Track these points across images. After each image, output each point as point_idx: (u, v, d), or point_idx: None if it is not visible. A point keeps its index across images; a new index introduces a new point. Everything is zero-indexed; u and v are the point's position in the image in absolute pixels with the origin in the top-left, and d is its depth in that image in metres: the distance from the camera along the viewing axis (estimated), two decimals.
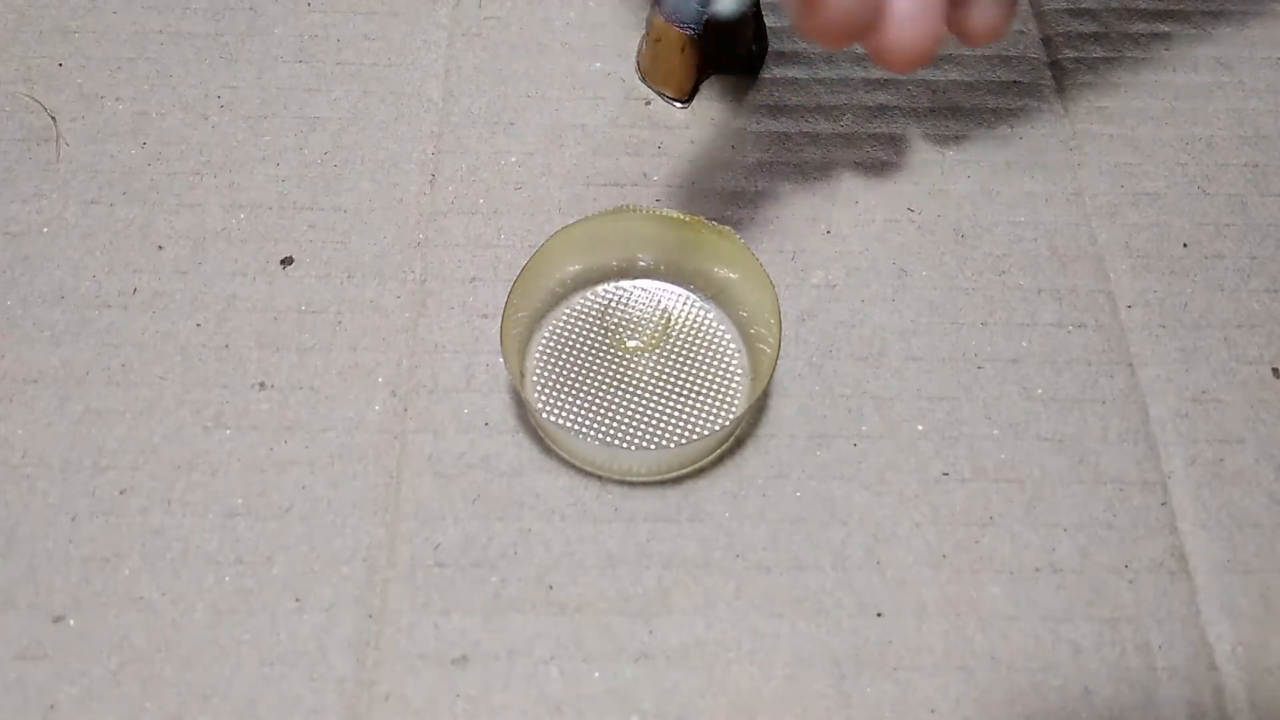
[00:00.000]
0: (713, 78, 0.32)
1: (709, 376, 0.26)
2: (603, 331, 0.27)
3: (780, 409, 0.26)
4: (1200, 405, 0.27)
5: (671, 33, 0.27)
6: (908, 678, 0.23)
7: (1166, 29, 0.34)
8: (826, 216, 0.30)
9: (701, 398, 0.26)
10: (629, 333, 0.27)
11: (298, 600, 0.24)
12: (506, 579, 0.24)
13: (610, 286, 0.28)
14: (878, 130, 0.32)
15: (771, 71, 0.33)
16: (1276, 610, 0.24)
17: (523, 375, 0.26)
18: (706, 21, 0.26)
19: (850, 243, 0.29)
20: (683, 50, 0.27)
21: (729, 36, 0.28)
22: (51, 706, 0.22)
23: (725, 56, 0.29)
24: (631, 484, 0.25)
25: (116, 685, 0.23)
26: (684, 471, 0.25)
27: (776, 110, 0.32)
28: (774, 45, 0.33)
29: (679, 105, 0.27)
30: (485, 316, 0.28)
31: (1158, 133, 0.32)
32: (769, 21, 0.32)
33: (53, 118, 0.31)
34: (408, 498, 0.25)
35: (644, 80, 0.29)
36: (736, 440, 0.26)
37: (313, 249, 0.29)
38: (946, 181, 0.31)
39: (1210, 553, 0.25)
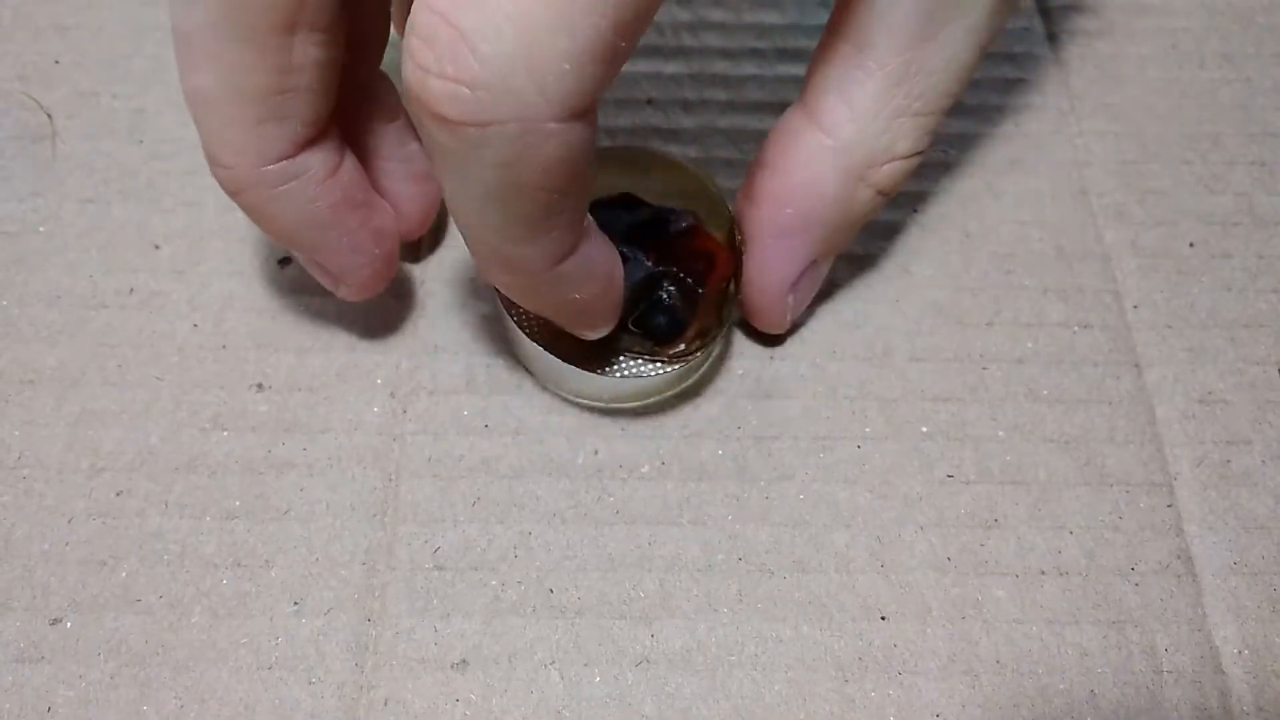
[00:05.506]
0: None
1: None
2: None
3: (783, 410, 0.26)
4: (1207, 406, 0.26)
5: None
6: (912, 681, 0.23)
7: (1173, 25, 0.34)
8: None
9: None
10: None
11: (296, 604, 0.23)
12: (506, 582, 0.24)
13: None
14: None
15: (775, 69, 0.32)
16: None
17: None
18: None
19: (853, 242, 0.29)
20: None
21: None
22: (49, 709, 0.22)
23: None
24: (633, 484, 0.25)
25: (114, 688, 0.22)
26: (659, 398, 0.26)
27: (780, 107, 0.31)
28: (766, 44, 0.33)
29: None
30: (486, 316, 0.27)
31: (1164, 130, 0.31)
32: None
33: (49, 115, 0.31)
34: (407, 500, 0.25)
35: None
36: (739, 441, 0.26)
37: None
38: (950, 180, 0.30)
39: (1217, 555, 0.24)
